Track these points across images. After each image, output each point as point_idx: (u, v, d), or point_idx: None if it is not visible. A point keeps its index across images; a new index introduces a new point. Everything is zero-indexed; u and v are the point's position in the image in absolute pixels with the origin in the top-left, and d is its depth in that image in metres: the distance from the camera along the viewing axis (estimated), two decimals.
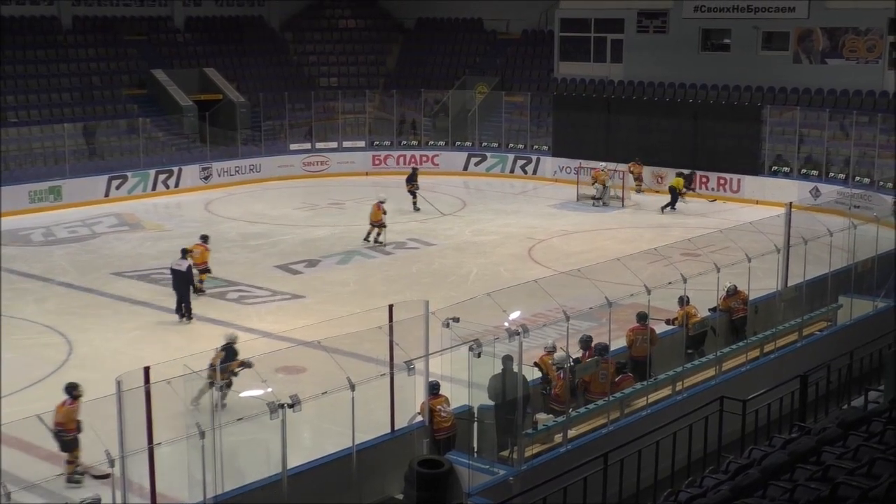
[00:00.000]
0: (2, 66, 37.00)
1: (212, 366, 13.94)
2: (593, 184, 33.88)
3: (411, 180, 32.83)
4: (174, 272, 21.55)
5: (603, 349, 15.39)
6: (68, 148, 35.07)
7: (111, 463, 10.65)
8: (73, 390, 13.61)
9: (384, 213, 28.05)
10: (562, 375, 14.64)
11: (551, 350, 15.39)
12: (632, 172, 34.86)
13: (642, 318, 16.25)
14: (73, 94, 38.22)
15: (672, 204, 32.57)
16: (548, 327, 15.75)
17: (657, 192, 34.69)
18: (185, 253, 22.01)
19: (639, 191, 34.87)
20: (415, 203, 32.46)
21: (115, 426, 10.74)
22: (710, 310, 17.76)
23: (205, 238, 23.62)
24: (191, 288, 21.67)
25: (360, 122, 41.96)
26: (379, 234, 28.00)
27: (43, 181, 33.40)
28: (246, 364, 13.01)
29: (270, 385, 11.53)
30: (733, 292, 17.95)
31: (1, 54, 37.31)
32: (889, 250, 20.49)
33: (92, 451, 12.51)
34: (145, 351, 17.84)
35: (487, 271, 24.92)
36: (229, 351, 15.20)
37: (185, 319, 21.04)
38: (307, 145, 40.53)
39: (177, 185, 36.35)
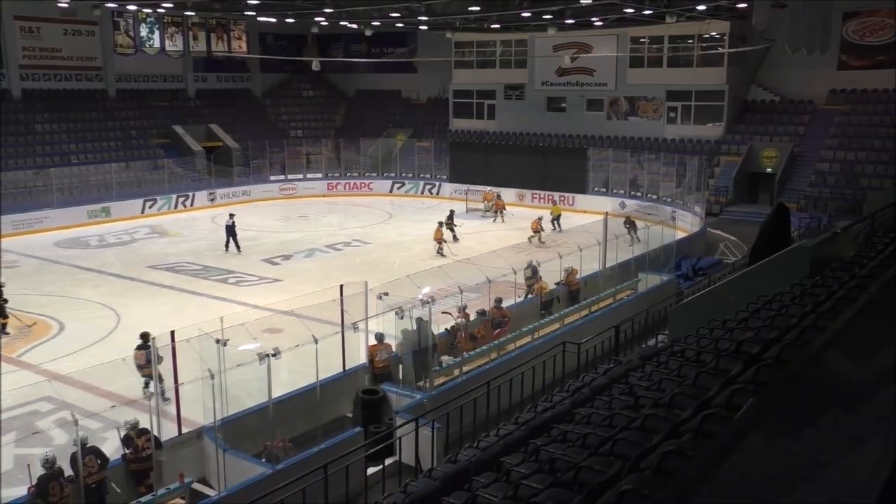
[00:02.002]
0: (68, 124, 36.07)
1: (139, 366, 13.11)
2: (483, 201, 33.37)
3: (450, 219, 27.63)
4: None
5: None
6: (115, 179, 33.97)
7: (148, 398, 10.28)
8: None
9: (445, 230, 26.18)
10: (463, 334, 14.56)
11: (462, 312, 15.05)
12: (494, 203, 32.52)
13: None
14: (117, 142, 37.08)
15: (556, 224, 28.83)
16: (448, 298, 15.76)
17: (522, 206, 34.81)
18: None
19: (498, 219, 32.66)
20: (442, 245, 25.90)
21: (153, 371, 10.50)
22: (555, 283, 17.91)
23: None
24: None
25: (318, 160, 41.26)
26: (440, 248, 25.66)
27: (97, 203, 32.38)
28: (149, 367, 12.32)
29: (259, 341, 11.27)
30: (570, 271, 18.03)
31: (67, 115, 36.33)
32: (670, 242, 20.92)
33: (136, 387, 12.35)
34: (171, 320, 17.27)
35: (407, 261, 24.71)
36: (145, 348, 13.48)
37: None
38: (282, 176, 39.70)
39: (191, 204, 35.48)
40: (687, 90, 35.54)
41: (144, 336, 13.61)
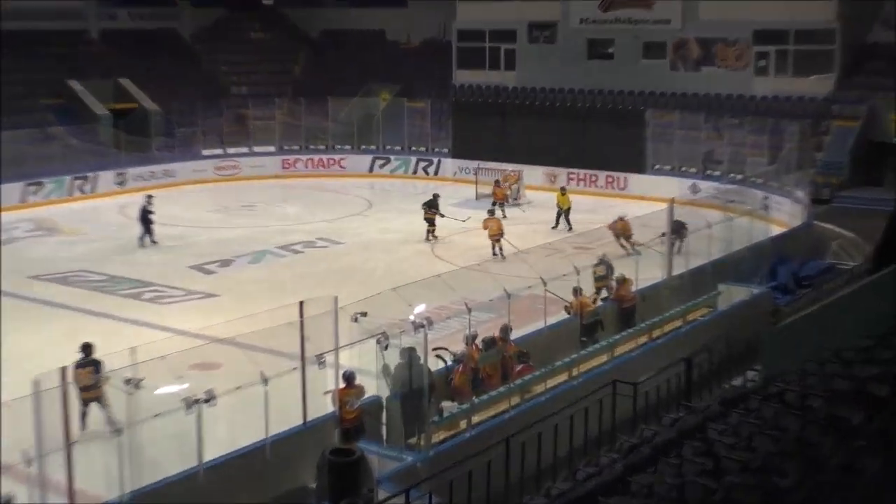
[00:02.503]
0: None
1: (84, 387, 13.51)
2: (501, 185, 33.01)
3: (433, 207, 28.73)
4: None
5: (490, 342, 15.16)
6: None
7: (28, 463, 10.21)
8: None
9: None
10: (460, 368, 14.51)
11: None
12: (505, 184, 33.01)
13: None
14: None
15: (564, 222, 29.57)
16: (451, 319, 15.82)
17: (552, 190, 34.88)
18: None
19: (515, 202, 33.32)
20: (431, 232, 28.20)
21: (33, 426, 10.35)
22: (601, 299, 17.94)
23: None
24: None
25: (270, 128, 41.34)
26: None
27: None
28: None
29: (186, 381, 11.22)
30: (621, 282, 18.06)
31: None
32: (761, 240, 20.89)
33: (10, 452, 11.90)
34: (63, 351, 17.00)
35: (393, 268, 24.78)
36: (92, 363, 14.30)
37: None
38: (219, 150, 39.90)
39: (92, 190, 35.60)
40: (783, 29, 35.51)
41: (87, 348, 14.05)
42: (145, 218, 27.65)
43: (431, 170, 39.47)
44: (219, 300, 22.20)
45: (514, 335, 15.91)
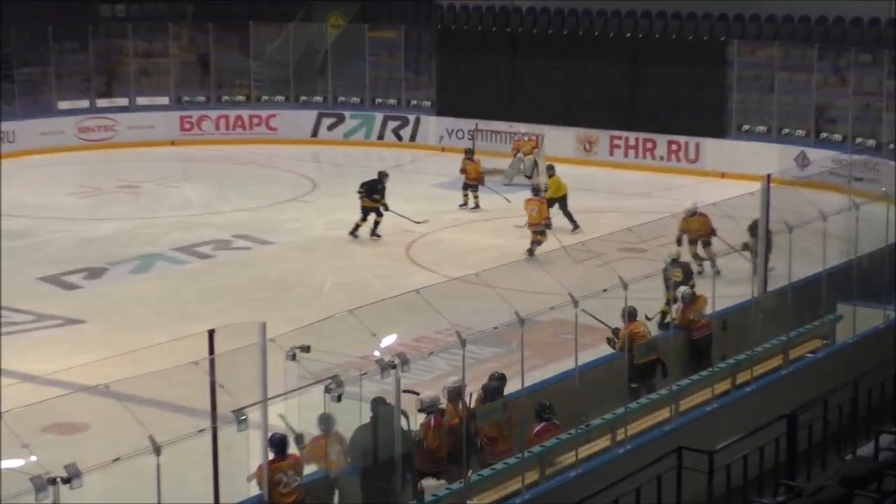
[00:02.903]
0: None
1: None
2: (516, 156, 33.70)
3: (373, 192, 28.75)
4: None
5: (494, 391, 15.10)
6: None
7: None
8: None
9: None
10: (431, 422, 14.45)
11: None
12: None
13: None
14: None
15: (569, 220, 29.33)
16: (436, 356, 15.56)
17: (588, 163, 35.10)
18: None
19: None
20: (371, 227, 28.47)
21: None
22: (660, 326, 17.88)
23: None
24: None
25: (162, 70, 41.41)
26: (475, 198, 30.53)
27: None
28: None
29: (36, 451, 11.22)
30: (691, 299, 17.95)
31: None
32: None
33: None
34: None
35: (349, 279, 24.83)
36: None
37: None
38: (84, 103, 40.00)
39: None
40: None
41: None
42: None
43: (406, 133, 39.61)
44: (85, 329, 22.16)
45: (531, 378, 15.69)
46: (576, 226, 28.52)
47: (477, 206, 30.99)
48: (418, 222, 28.73)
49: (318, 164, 37.43)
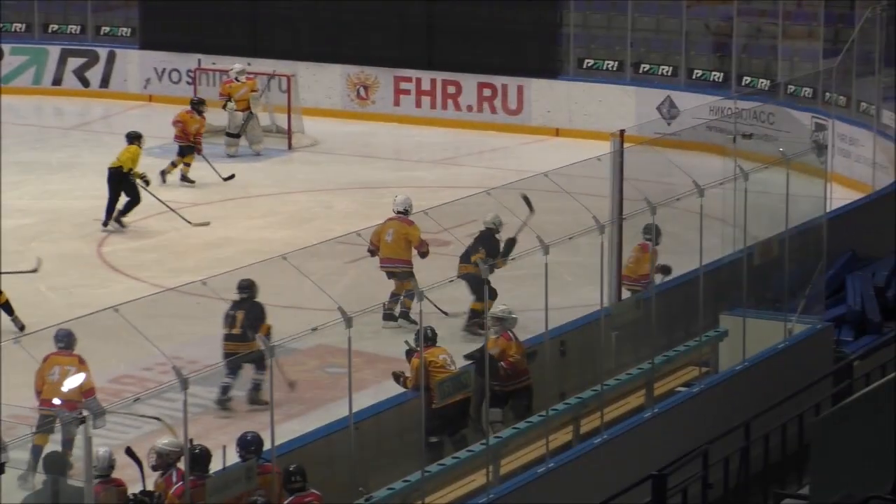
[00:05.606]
0: None
1: None
2: (224, 105, 30.41)
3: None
4: None
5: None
6: None
7: None
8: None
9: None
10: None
11: None
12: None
13: None
14: None
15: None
16: (143, 402, 14.08)
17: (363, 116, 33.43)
18: None
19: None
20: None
21: None
22: (466, 357, 16.16)
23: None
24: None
25: None
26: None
27: None
28: None
29: None
30: (508, 317, 16.35)
31: None
32: (811, 219, 19.43)
33: None
34: None
35: (11, 291, 21.40)
36: None
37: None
38: None
39: None
40: None
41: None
42: None
43: (94, 76, 36.10)
44: None
45: (288, 432, 15.04)
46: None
47: (186, 179, 28.11)
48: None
49: None
